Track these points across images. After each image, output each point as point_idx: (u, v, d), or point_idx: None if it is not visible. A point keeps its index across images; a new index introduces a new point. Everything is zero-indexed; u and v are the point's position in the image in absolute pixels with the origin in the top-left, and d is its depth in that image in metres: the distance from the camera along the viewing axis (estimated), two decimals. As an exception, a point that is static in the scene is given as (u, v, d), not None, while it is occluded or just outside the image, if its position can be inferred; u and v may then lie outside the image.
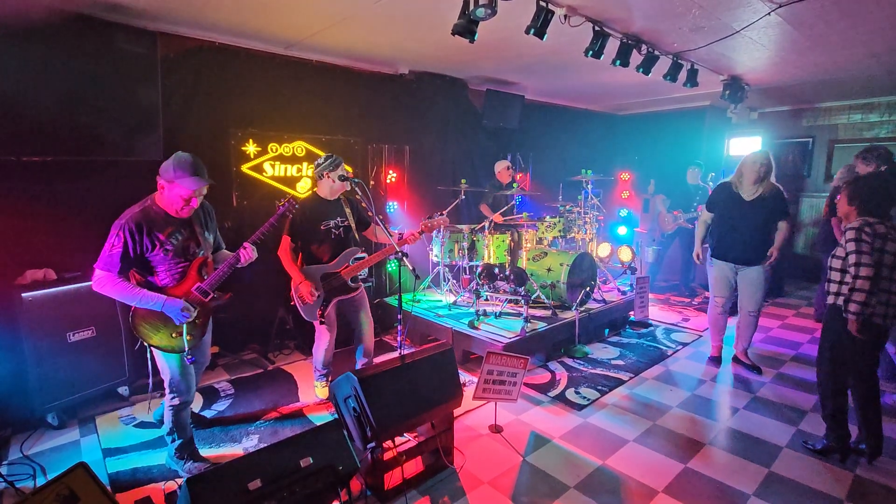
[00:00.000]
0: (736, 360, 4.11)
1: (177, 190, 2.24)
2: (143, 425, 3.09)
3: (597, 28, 3.53)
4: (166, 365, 2.44)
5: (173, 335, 2.36)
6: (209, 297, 2.42)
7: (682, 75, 4.52)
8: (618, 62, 3.86)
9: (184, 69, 3.80)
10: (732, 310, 4.08)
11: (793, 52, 4.32)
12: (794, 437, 3.00)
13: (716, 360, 4.15)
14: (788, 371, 4.00)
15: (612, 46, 3.72)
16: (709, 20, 3.49)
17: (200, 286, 2.38)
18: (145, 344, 2.36)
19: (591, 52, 3.61)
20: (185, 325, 2.34)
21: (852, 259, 2.49)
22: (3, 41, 2.95)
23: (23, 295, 2.90)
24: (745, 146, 6.92)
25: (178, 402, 2.50)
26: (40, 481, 2.53)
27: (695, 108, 7.01)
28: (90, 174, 3.39)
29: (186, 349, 2.37)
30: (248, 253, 2.45)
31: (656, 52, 4.08)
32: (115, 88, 3.40)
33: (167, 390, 2.50)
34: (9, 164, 3.09)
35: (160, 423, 2.98)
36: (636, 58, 3.97)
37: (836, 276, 2.61)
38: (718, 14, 3.37)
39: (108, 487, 2.46)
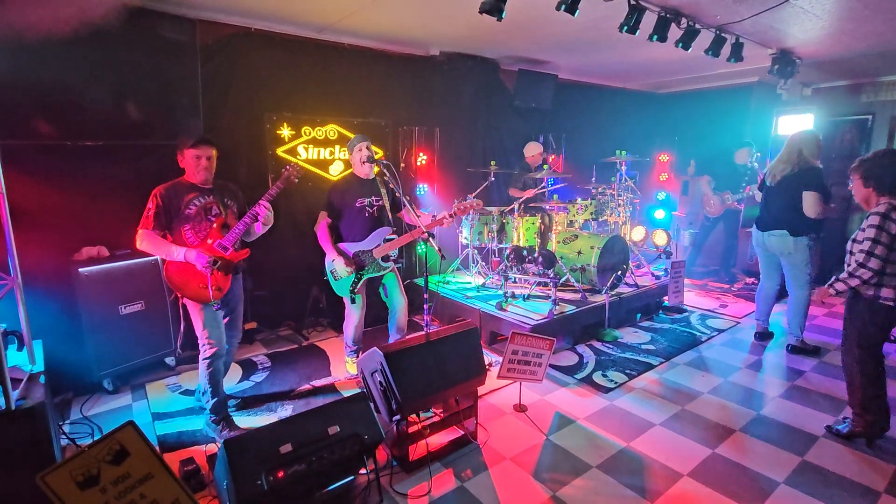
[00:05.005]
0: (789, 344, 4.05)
1: (187, 154, 2.68)
2: (187, 393, 3.31)
3: (632, 2, 3.39)
4: (198, 316, 2.71)
5: (200, 286, 2.63)
6: (228, 252, 2.70)
7: (726, 49, 4.27)
8: (655, 37, 3.69)
9: (221, 56, 3.93)
10: (782, 292, 4.04)
11: (850, 22, 4.01)
12: (832, 427, 2.89)
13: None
14: (831, 360, 3.82)
15: (648, 20, 3.57)
16: (754, -11, 3.29)
17: (221, 242, 2.68)
18: (178, 295, 2.67)
19: (625, 28, 3.48)
20: (209, 278, 2.61)
21: (866, 246, 2.45)
22: (60, 35, 3.13)
23: (80, 270, 3.13)
24: (796, 124, 6.53)
25: (210, 353, 2.71)
26: (98, 439, 2.77)
27: (741, 84, 6.63)
28: (138, 158, 3.58)
29: (211, 299, 2.64)
30: (264, 210, 2.67)
31: (697, 26, 3.88)
32: (160, 76, 3.59)
33: (200, 344, 2.73)
34: (65, 149, 3.31)
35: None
36: (675, 32, 3.79)
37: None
38: (765, -18, 3.17)
39: (157, 446, 2.68)
